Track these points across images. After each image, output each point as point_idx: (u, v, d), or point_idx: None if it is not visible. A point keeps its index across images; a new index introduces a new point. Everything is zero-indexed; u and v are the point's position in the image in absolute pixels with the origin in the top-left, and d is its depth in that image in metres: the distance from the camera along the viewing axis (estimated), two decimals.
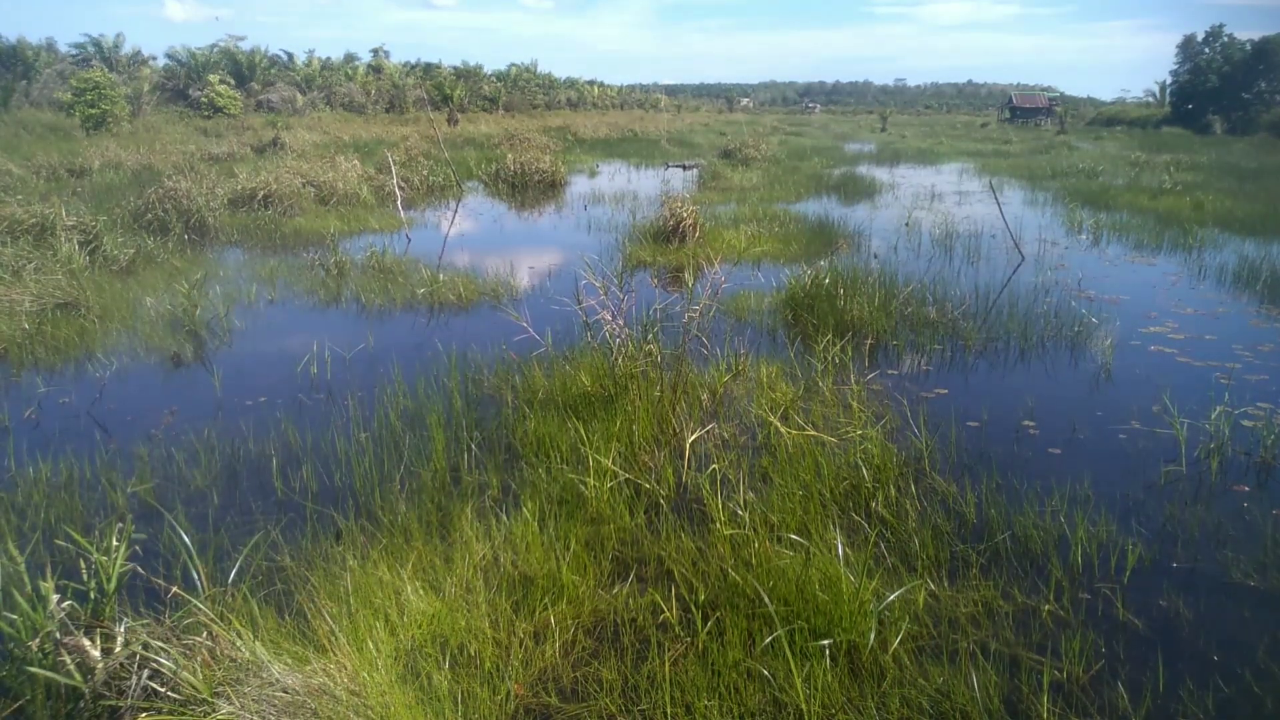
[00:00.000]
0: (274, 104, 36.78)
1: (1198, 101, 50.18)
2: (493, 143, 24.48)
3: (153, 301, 7.17)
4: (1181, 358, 6.24)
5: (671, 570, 3.21)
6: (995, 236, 11.04)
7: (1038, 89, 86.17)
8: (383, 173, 14.87)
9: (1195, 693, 2.65)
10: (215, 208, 11.37)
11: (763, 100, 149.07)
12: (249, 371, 5.79)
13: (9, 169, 14.12)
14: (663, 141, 30.27)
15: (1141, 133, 43.91)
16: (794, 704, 2.50)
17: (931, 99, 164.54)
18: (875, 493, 3.79)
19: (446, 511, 3.65)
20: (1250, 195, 15.40)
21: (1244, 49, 49.62)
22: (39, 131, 23.25)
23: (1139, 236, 11.58)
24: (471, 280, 8.26)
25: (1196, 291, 8.50)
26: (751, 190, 16.08)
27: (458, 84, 48.00)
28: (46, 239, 8.69)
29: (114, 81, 26.92)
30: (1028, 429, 4.85)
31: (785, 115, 78.39)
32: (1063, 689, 2.66)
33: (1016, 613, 3.05)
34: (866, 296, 6.81)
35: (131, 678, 2.29)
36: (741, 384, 5.23)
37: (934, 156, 27.40)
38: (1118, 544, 3.46)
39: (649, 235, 10.39)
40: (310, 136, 23.96)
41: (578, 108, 62.17)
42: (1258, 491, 4.11)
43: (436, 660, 2.66)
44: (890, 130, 47.40)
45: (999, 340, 6.51)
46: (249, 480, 4.10)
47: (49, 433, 4.68)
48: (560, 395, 4.88)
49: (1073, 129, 49.06)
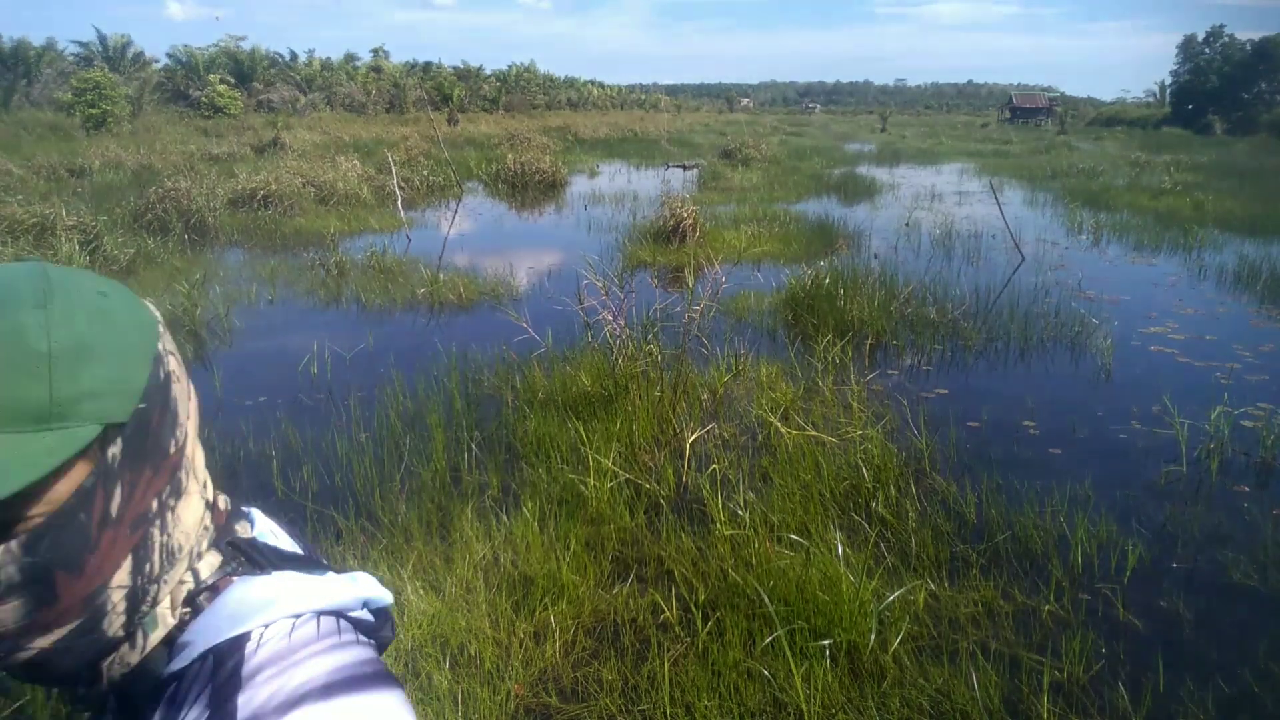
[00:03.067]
0: (274, 104, 36.79)
1: (1198, 102, 50.22)
2: (493, 143, 24.48)
3: (153, 301, 7.16)
4: (1181, 358, 6.24)
5: (672, 570, 3.21)
6: (995, 237, 11.04)
7: (1038, 89, 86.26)
8: (383, 173, 14.88)
9: (1195, 693, 2.65)
10: (215, 208, 11.36)
11: (763, 100, 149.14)
12: (249, 371, 5.80)
13: (9, 169, 14.12)
14: (663, 141, 30.27)
15: (1142, 133, 43.95)
16: (794, 704, 2.50)
17: (931, 99, 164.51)
18: (875, 493, 3.79)
19: (446, 511, 3.65)
20: (1250, 195, 15.41)
21: (1244, 49, 49.67)
22: (39, 131, 23.27)
23: (1139, 237, 11.58)
24: (471, 280, 8.26)
25: (1196, 291, 8.51)
26: (751, 190, 16.08)
27: (458, 84, 48.02)
28: (47, 239, 8.70)
29: (114, 81, 26.90)
30: (1028, 429, 4.85)
31: (785, 115, 78.46)
32: (1063, 689, 2.66)
33: (1016, 613, 3.05)
34: (867, 296, 6.80)
35: None
36: (741, 384, 5.23)
37: (934, 156, 27.41)
38: (1118, 544, 3.46)
39: (649, 235, 10.39)
40: (310, 136, 23.95)
41: (578, 108, 62.19)
42: (1258, 491, 4.11)
43: (437, 660, 2.66)
44: (890, 130, 47.42)
45: (999, 340, 6.51)
46: (249, 480, 4.10)
47: None
48: (560, 395, 4.88)
49: (1073, 129, 49.10)
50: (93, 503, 0.52)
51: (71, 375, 0.49)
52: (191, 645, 0.57)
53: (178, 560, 0.59)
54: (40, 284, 0.51)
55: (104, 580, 0.54)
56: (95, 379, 0.50)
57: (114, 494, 0.53)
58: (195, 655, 0.57)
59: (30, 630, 0.51)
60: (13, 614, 0.50)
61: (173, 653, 0.58)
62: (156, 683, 0.57)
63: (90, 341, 0.51)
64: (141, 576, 0.57)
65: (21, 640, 0.51)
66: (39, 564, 0.50)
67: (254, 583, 0.61)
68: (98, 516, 0.52)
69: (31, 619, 0.51)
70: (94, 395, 0.50)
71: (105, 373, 0.51)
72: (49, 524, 0.50)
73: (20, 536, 0.49)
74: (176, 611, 0.59)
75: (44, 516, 0.50)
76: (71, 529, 0.51)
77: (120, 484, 0.53)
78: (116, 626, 0.56)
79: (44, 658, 0.53)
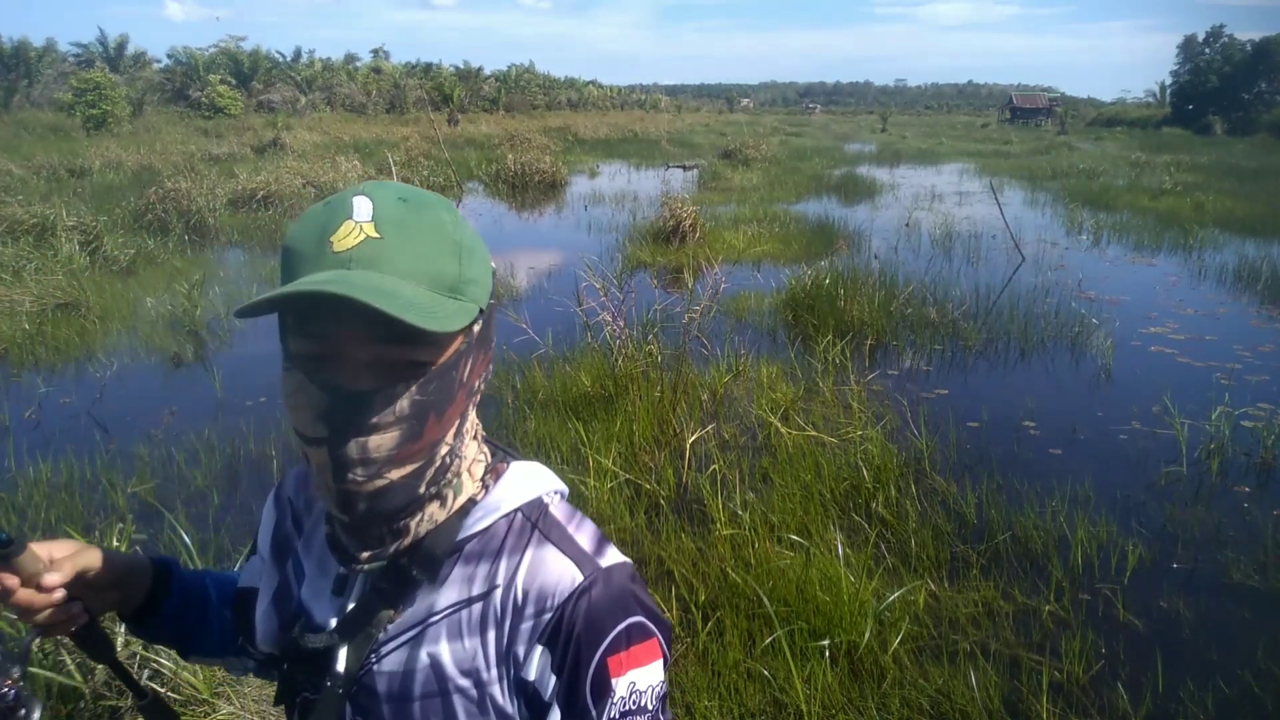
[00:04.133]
0: (274, 104, 36.77)
1: (1198, 102, 50.24)
2: (493, 143, 24.46)
3: (153, 302, 7.17)
4: (1182, 358, 6.24)
5: (672, 570, 3.21)
6: (995, 237, 11.04)
7: (1038, 89, 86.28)
8: (383, 173, 14.88)
9: (1195, 693, 2.65)
10: (215, 208, 11.36)
11: (763, 101, 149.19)
12: (249, 371, 5.79)
13: (9, 169, 14.12)
14: (663, 142, 30.26)
15: (1142, 133, 43.96)
16: (794, 704, 2.50)
17: (932, 99, 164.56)
18: (875, 493, 3.79)
19: None
20: (1250, 196, 15.41)
21: (1244, 49, 49.69)
22: (39, 132, 23.28)
23: (1139, 237, 11.58)
24: None
25: (1196, 292, 8.51)
26: (752, 191, 16.07)
27: (458, 84, 48.02)
28: (47, 239, 8.69)
29: (114, 82, 26.92)
30: (1028, 429, 4.85)
31: (785, 115, 78.46)
32: (1063, 689, 2.66)
33: (1017, 613, 3.05)
34: (867, 297, 6.80)
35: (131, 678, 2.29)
36: (742, 384, 5.23)
37: (934, 157, 27.41)
38: (1118, 544, 3.46)
39: (649, 236, 10.39)
40: (310, 137, 23.95)
41: (578, 108, 62.18)
42: (1258, 492, 4.11)
43: None
44: (890, 131, 47.45)
45: (999, 340, 6.51)
46: (249, 480, 4.10)
47: (49, 433, 4.68)
48: (560, 395, 4.88)
49: (1073, 129, 49.12)
50: (461, 365, 0.67)
51: (468, 263, 0.65)
52: (494, 508, 0.72)
53: (468, 441, 0.73)
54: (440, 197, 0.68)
55: (444, 434, 0.67)
56: (476, 270, 0.67)
57: (469, 364, 0.68)
58: (501, 514, 0.72)
59: (393, 460, 0.64)
60: (390, 441, 0.63)
61: (469, 515, 0.72)
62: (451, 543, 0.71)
63: (472, 244, 0.67)
64: (459, 441, 0.71)
65: (384, 469, 0.64)
66: (423, 402, 0.64)
67: (521, 465, 0.77)
68: (460, 378, 0.67)
69: (399, 449, 0.64)
70: (475, 282, 0.66)
71: (480, 268, 0.67)
72: (437, 372, 0.65)
73: (419, 377, 0.63)
74: (476, 481, 0.74)
75: (436, 365, 0.65)
76: (446, 381, 0.66)
77: (474, 358, 0.69)
78: (436, 479, 0.68)
79: (390, 489, 0.65)
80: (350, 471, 0.63)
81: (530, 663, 0.68)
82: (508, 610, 0.69)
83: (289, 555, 0.81)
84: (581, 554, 0.70)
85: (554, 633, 0.67)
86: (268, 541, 0.84)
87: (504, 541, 0.72)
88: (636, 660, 0.69)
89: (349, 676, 0.71)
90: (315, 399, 0.63)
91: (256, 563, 0.87)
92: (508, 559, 0.71)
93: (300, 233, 0.64)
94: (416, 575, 0.70)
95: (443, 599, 0.70)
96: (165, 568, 0.84)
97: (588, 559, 0.70)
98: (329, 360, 0.63)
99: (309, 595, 0.77)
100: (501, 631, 0.69)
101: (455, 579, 0.71)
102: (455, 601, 0.70)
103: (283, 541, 0.83)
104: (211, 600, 0.88)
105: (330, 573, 0.75)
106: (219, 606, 0.88)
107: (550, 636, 0.68)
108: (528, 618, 0.68)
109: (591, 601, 0.68)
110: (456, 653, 0.69)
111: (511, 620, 0.69)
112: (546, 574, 0.69)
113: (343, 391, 0.62)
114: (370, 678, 0.71)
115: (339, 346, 0.63)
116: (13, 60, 33.61)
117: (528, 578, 0.69)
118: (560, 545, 0.71)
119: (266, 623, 0.79)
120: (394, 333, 0.60)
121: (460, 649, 0.69)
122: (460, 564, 0.71)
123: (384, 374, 0.63)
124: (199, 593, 0.88)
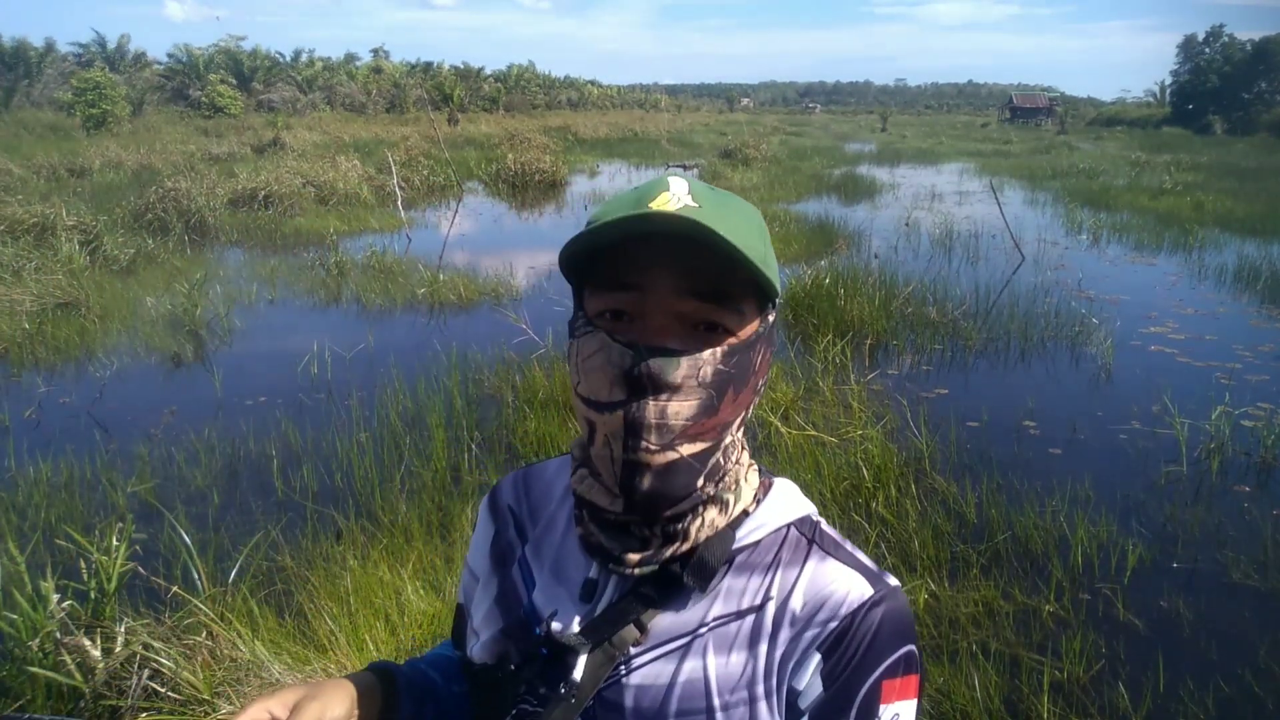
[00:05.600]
0: (275, 104, 36.77)
1: (1198, 102, 50.25)
2: (493, 143, 24.45)
3: (153, 301, 7.17)
4: (1182, 358, 6.24)
5: None
6: (995, 236, 11.04)
7: (1038, 89, 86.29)
8: (383, 173, 14.87)
9: (1195, 693, 2.65)
10: (215, 208, 11.37)
11: (763, 100, 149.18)
12: (249, 371, 5.79)
13: (9, 169, 14.12)
14: (663, 141, 30.25)
15: (1142, 133, 43.94)
16: None
17: (932, 99, 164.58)
18: (875, 493, 3.79)
19: (447, 511, 3.65)
20: (1250, 195, 15.41)
21: (1244, 49, 49.70)
22: (39, 131, 23.29)
23: (1139, 237, 11.58)
24: (472, 280, 8.26)
25: (1196, 291, 8.51)
26: (752, 190, 16.06)
27: (458, 84, 48.00)
28: (47, 239, 8.69)
29: (114, 81, 26.92)
30: (1028, 429, 4.85)
31: (785, 115, 78.45)
32: (1063, 689, 2.66)
33: (1017, 613, 3.05)
34: (867, 296, 6.80)
35: (132, 677, 2.29)
36: None
37: (934, 156, 27.41)
38: (1118, 544, 3.46)
39: None
40: (311, 136, 23.95)
41: (578, 108, 62.18)
42: (1258, 491, 4.11)
43: None
44: (890, 130, 47.44)
45: (999, 340, 6.51)
46: (249, 480, 4.10)
47: (49, 432, 4.68)
48: (561, 395, 4.88)
49: (1073, 129, 49.10)
50: (758, 347, 0.66)
51: (769, 250, 0.66)
52: (767, 521, 0.70)
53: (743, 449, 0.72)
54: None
55: (733, 420, 0.66)
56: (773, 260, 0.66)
57: (762, 353, 0.67)
58: (772, 528, 0.70)
59: (686, 433, 0.62)
60: (688, 410, 0.62)
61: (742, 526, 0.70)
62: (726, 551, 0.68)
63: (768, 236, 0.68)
64: (740, 437, 0.70)
65: (677, 440, 0.62)
66: (724, 374, 0.63)
67: (784, 481, 0.76)
68: (755, 362, 0.66)
69: (694, 421, 0.62)
70: (774, 270, 0.65)
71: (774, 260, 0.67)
72: (740, 345, 0.64)
73: (725, 346, 0.63)
74: (752, 489, 0.72)
75: (738, 339, 0.64)
76: (745, 359, 0.65)
77: (765, 349, 0.68)
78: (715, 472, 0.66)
79: (677, 465, 0.63)
80: (644, 438, 0.61)
81: (802, 671, 0.64)
82: (782, 623, 0.66)
83: (512, 563, 0.77)
84: (868, 569, 0.68)
85: (836, 641, 0.64)
86: (485, 555, 0.80)
87: (777, 554, 0.69)
88: (907, 692, 0.65)
89: (591, 684, 0.66)
90: (617, 357, 0.61)
91: (467, 578, 0.83)
92: (783, 572, 0.68)
93: (613, 203, 0.64)
94: (689, 583, 0.66)
95: (712, 611, 0.67)
96: (388, 676, 0.77)
97: (876, 575, 0.68)
98: (635, 319, 0.63)
99: (542, 601, 0.72)
100: (774, 644, 0.65)
101: (725, 590, 0.68)
102: (724, 614, 0.67)
103: (504, 551, 0.79)
104: (439, 685, 0.82)
105: (570, 578, 0.71)
106: (446, 685, 0.83)
107: (831, 645, 0.64)
108: (810, 626, 0.65)
109: (883, 615, 0.64)
110: (723, 667, 0.65)
111: (786, 632, 0.65)
112: (834, 585, 0.66)
113: (649, 349, 0.61)
114: (615, 690, 0.66)
115: (647, 303, 0.62)
116: (13, 60, 33.61)
117: (809, 589, 0.66)
118: (844, 560, 0.69)
119: (488, 628, 0.75)
120: (708, 286, 0.61)
121: (727, 664, 0.65)
122: (731, 575, 0.68)
123: (690, 335, 0.63)
124: (425, 685, 0.81)
